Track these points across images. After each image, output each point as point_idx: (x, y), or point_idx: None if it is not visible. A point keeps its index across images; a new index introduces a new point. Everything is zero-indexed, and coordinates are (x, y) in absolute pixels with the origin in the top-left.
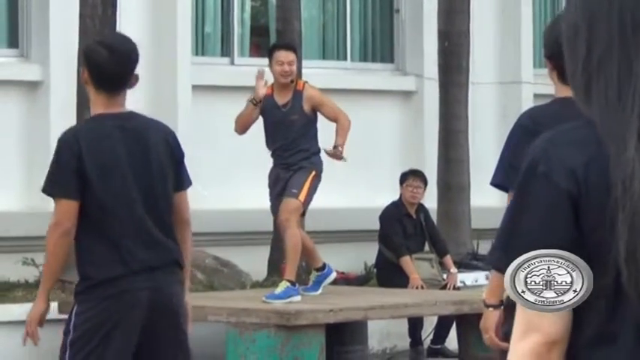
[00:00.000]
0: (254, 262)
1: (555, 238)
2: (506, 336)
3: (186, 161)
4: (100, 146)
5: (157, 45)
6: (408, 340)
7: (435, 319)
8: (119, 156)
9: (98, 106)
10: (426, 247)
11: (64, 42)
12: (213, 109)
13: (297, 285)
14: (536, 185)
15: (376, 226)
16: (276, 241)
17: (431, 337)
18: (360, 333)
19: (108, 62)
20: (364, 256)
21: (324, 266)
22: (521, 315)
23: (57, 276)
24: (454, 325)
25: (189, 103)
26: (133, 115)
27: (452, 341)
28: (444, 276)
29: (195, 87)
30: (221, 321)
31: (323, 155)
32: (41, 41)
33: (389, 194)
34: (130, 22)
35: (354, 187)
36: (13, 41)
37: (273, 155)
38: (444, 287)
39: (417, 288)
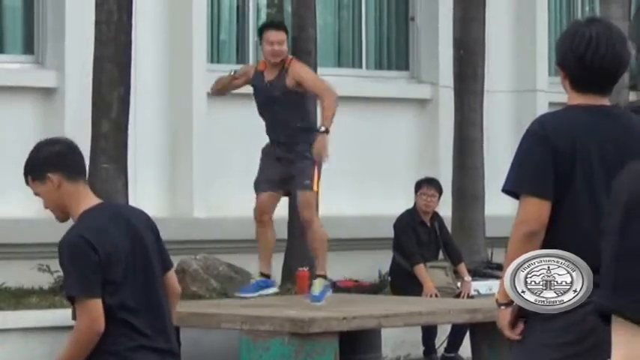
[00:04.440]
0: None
1: None
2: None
3: (202, 168)
4: (103, 239)
5: (172, 52)
6: (422, 348)
7: (448, 327)
8: (120, 245)
9: (82, 200)
10: (441, 256)
11: (79, 49)
12: (228, 116)
13: (330, 282)
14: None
15: (390, 234)
16: (291, 249)
17: (444, 345)
18: (374, 341)
19: (66, 150)
20: (378, 264)
21: (269, 276)
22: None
23: None
24: (468, 334)
25: (204, 111)
26: (113, 205)
27: (465, 349)
28: (458, 284)
29: (210, 94)
30: (235, 328)
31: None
32: (56, 48)
33: (403, 202)
34: (145, 28)
35: (368, 195)
36: (28, 48)
37: (268, 133)
38: (458, 295)
39: (430, 296)
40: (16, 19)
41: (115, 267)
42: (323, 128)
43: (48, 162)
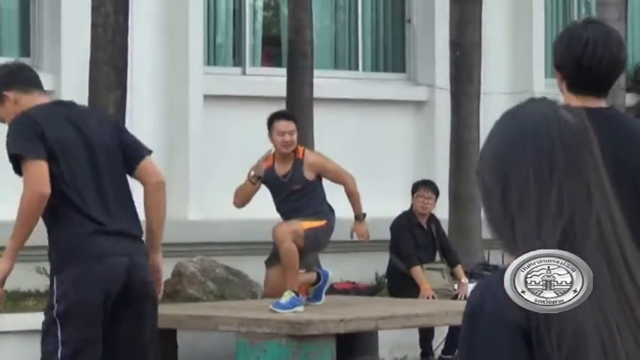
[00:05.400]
0: (265, 272)
1: None
2: None
3: (198, 170)
4: (53, 124)
5: (169, 55)
6: (419, 350)
7: (445, 329)
8: (71, 134)
9: (39, 102)
10: (437, 258)
11: (75, 51)
12: (225, 118)
13: (300, 295)
14: (486, 325)
15: (387, 236)
16: None
17: (442, 347)
18: (371, 343)
19: (14, 68)
20: (375, 266)
21: (318, 278)
22: None
23: (27, 238)
24: None
25: (201, 113)
26: (71, 102)
27: None
28: (455, 286)
29: (207, 97)
30: (232, 330)
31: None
32: (53, 50)
33: (400, 204)
34: (142, 31)
35: (365, 197)
36: (25, 50)
37: (283, 216)
38: (455, 297)
39: (428, 298)
40: (12, 22)
41: (60, 152)
42: (362, 215)
43: (1, 82)
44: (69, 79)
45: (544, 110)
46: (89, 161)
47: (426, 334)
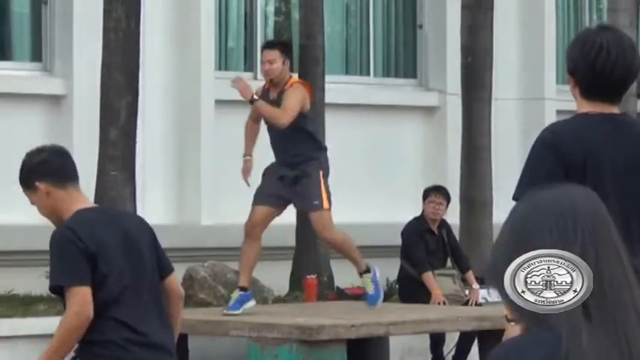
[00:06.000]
0: (276, 277)
1: None
2: None
3: (210, 175)
4: (94, 234)
5: (181, 59)
6: (430, 355)
7: (456, 335)
8: (111, 243)
9: (74, 204)
10: (448, 263)
11: (87, 56)
12: (236, 123)
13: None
14: None
15: (398, 241)
16: (298, 257)
17: (453, 353)
18: (382, 349)
19: (50, 158)
20: (386, 271)
21: (246, 289)
22: None
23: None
24: (476, 341)
25: (212, 118)
26: (107, 208)
27: (474, 357)
28: (466, 292)
29: (218, 102)
30: (243, 335)
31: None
32: (65, 55)
33: (411, 209)
34: (153, 36)
35: (376, 203)
36: (36, 55)
37: (273, 150)
38: (466, 303)
39: (439, 304)
40: (24, 27)
41: (102, 261)
42: (252, 99)
43: (34, 171)
44: (81, 83)
45: (555, 190)
46: (131, 268)
47: (436, 340)
